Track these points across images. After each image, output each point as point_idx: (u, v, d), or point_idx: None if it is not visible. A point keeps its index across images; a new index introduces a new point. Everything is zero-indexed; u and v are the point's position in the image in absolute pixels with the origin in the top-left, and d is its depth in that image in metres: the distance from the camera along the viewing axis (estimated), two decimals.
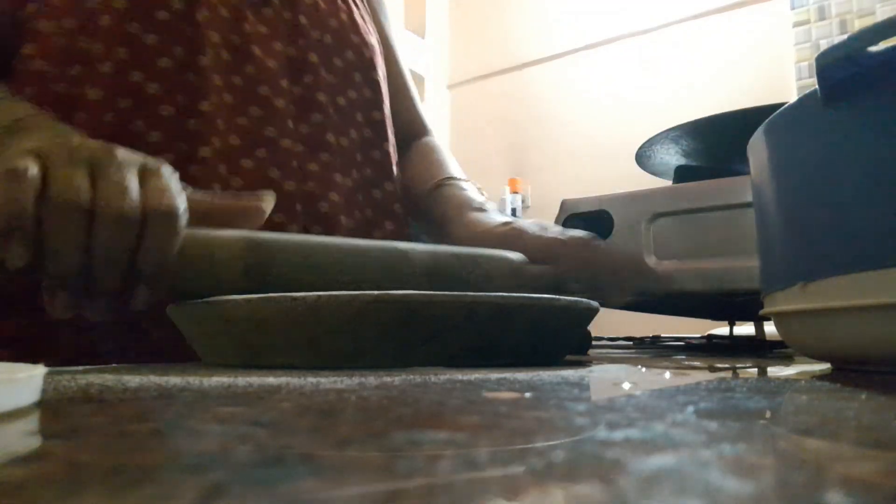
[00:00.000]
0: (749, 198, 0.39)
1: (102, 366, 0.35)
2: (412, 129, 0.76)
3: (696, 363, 0.40)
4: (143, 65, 0.50)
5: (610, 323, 1.02)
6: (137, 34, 0.50)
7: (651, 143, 0.70)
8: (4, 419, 0.16)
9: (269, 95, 0.54)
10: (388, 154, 0.65)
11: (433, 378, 0.27)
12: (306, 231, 0.54)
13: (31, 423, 0.16)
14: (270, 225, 0.50)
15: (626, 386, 0.24)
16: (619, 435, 0.13)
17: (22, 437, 0.15)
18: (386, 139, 0.65)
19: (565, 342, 0.37)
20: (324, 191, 0.56)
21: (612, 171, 2.31)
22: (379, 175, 0.64)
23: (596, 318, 0.41)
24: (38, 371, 0.19)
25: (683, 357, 0.47)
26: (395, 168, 0.66)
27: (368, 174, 0.63)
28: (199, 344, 0.36)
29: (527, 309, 0.32)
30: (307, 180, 0.55)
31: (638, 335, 0.78)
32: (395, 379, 0.27)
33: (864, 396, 0.20)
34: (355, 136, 0.61)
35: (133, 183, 0.34)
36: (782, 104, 0.32)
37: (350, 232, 0.58)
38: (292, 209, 0.53)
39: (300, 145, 0.55)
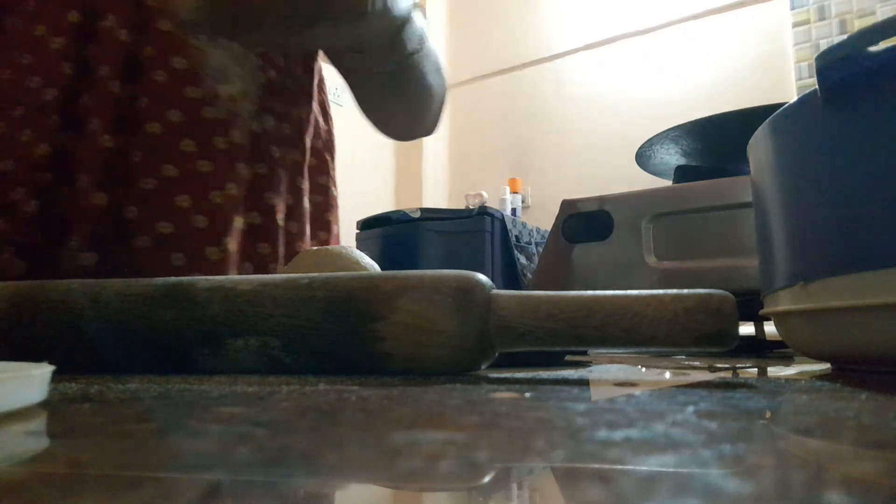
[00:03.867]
0: (749, 198, 0.39)
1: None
2: None
3: (696, 363, 0.40)
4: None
5: None
6: None
7: (651, 143, 0.70)
8: (9, 418, 0.16)
9: (44, 36, 0.47)
10: (240, 92, 0.53)
11: (433, 378, 0.27)
12: (60, 207, 0.47)
13: (33, 422, 0.16)
14: (10, 204, 0.44)
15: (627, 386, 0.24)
16: (619, 435, 0.13)
17: (22, 437, 0.15)
18: (238, 73, 0.53)
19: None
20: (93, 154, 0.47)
21: (612, 171, 2.32)
22: (223, 119, 0.52)
23: None
24: (47, 369, 0.19)
25: (683, 357, 0.47)
26: (248, 113, 0.54)
27: (207, 115, 0.51)
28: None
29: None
30: (75, 143, 0.47)
31: None
32: (396, 379, 0.27)
33: (864, 396, 0.20)
34: (185, 66, 0.51)
35: None
36: (782, 104, 0.32)
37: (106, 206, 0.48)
38: (40, 178, 0.46)
39: (89, 98, 0.47)
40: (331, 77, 0.64)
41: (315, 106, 0.63)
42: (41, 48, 0.47)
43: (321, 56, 0.64)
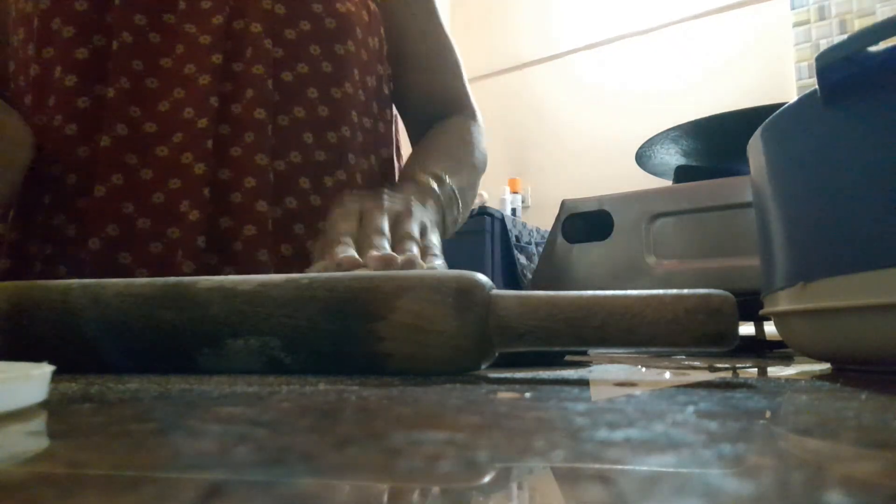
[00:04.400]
0: (749, 198, 0.39)
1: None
2: (450, 106, 0.73)
3: (696, 363, 0.40)
4: (60, 56, 0.53)
5: None
6: (58, 30, 0.53)
7: (651, 143, 0.70)
8: (8, 418, 0.16)
9: (192, 74, 0.54)
10: (345, 139, 0.60)
11: (433, 378, 0.27)
12: (213, 222, 0.53)
13: (33, 422, 0.16)
14: (172, 212, 0.52)
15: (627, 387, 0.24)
16: (619, 435, 0.13)
17: (22, 437, 0.15)
18: (345, 122, 0.60)
19: None
20: (239, 174, 0.53)
21: (612, 171, 2.32)
22: (331, 162, 0.59)
23: None
24: (47, 369, 0.19)
25: (683, 357, 0.47)
26: (352, 156, 0.61)
27: (320, 158, 0.58)
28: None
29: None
30: (224, 165, 0.54)
31: None
32: (396, 379, 0.27)
33: (864, 396, 0.20)
34: (303, 115, 0.57)
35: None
36: (782, 104, 0.32)
37: (270, 225, 0.54)
38: (200, 192, 0.52)
39: (226, 126, 0.54)
40: None
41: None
42: (191, 84, 0.54)
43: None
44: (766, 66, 2.34)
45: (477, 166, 0.69)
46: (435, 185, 0.56)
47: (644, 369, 0.34)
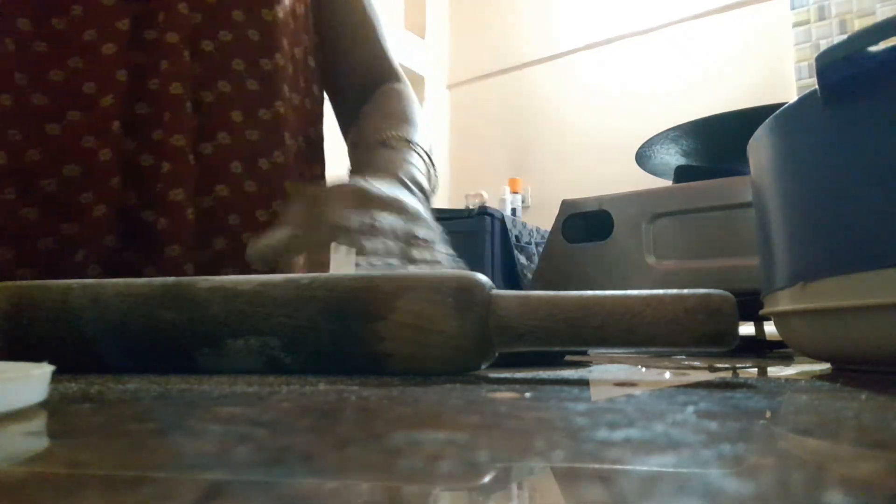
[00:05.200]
0: (749, 198, 0.39)
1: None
2: (376, 75, 0.67)
3: (696, 363, 0.40)
4: None
5: None
6: None
7: (651, 143, 0.70)
8: (8, 418, 0.16)
9: (94, 41, 0.46)
10: (279, 116, 0.54)
11: (433, 378, 0.27)
12: (132, 216, 0.47)
13: (33, 422, 0.16)
14: (66, 204, 0.45)
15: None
16: (619, 435, 0.13)
17: (22, 437, 0.15)
18: (278, 97, 0.54)
19: None
20: (159, 159, 0.47)
21: (612, 171, 2.32)
22: (267, 142, 0.53)
23: None
24: (47, 369, 0.19)
25: (683, 357, 0.47)
26: (287, 135, 0.55)
27: (253, 138, 0.52)
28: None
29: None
30: (145, 150, 0.47)
31: None
32: (395, 379, 0.27)
33: (864, 396, 0.20)
34: (229, 90, 0.51)
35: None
36: (782, 104, 0.32)
37: (192, 215, 0.48)
38: (105, 183, 0.46)
39: (145, 105, 0.47)
40: None
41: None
42: (91, 53, 0.46)
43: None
44: (766, 66, 2.34)
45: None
46: (420, 152, 0.51)
47: (644, 369, 0.34)
